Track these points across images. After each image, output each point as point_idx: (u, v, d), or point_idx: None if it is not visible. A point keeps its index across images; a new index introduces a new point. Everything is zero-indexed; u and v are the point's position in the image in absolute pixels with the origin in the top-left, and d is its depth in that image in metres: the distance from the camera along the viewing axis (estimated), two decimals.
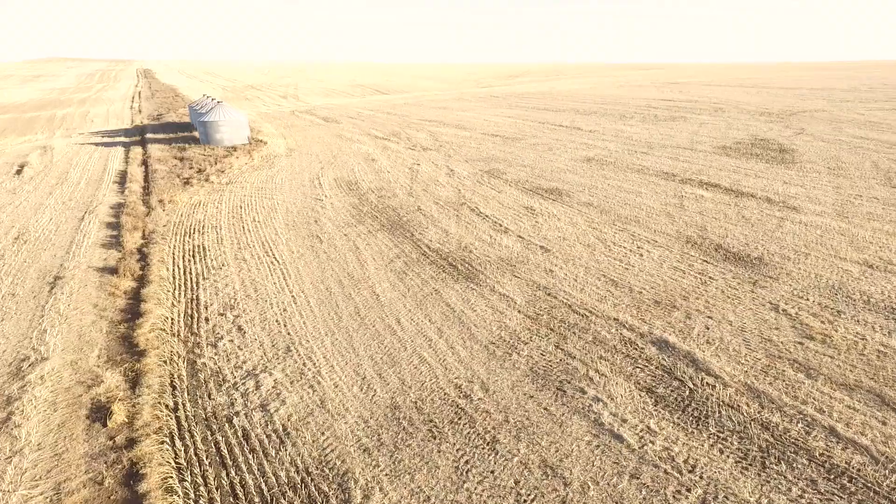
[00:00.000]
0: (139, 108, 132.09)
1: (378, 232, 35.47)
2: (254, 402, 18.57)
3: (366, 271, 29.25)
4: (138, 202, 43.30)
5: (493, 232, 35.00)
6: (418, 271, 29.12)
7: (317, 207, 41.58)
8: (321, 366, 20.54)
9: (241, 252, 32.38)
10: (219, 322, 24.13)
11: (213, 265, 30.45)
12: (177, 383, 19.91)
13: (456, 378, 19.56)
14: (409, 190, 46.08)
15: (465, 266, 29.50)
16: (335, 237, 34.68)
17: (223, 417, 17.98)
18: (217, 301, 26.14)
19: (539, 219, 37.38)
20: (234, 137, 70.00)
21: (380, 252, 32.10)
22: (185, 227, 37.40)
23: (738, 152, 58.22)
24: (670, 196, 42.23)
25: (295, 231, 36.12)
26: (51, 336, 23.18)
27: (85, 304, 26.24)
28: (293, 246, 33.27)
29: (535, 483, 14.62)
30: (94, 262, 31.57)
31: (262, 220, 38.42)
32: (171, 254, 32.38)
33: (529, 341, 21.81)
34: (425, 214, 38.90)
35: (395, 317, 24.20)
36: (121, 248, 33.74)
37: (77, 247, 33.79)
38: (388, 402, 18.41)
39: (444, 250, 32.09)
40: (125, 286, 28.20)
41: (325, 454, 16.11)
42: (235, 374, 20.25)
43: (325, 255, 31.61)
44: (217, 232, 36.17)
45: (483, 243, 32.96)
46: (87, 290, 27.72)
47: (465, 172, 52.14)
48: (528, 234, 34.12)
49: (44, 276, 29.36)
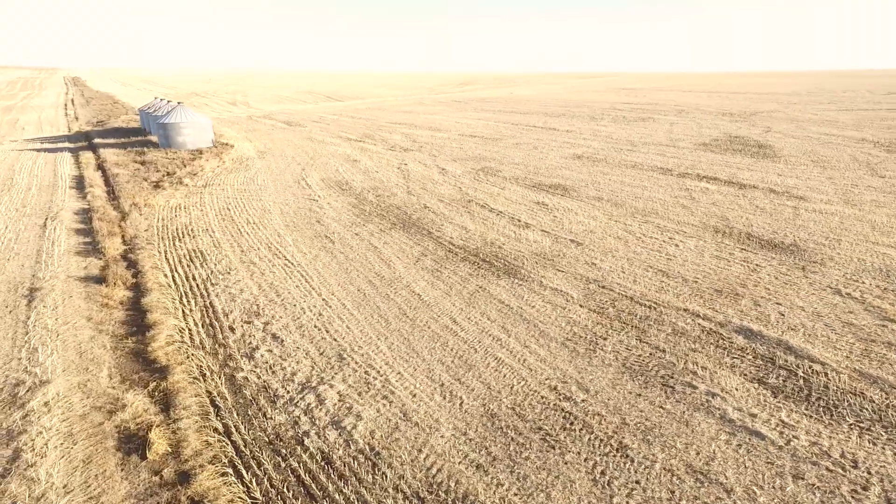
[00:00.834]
0: (75, 115, 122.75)
1: (391, 230, 32.88)
2: (322, 420, 15.74)
3: (395, 270, 26.67)
4: (107, 207, 38.75)
5: (513, 227, 33.14)
6: (452, 268, 26.82)
7: (314, 208, 38.46)
8: (386, 373, 17.89)
9: (246, 255, 29.02)
10: (248, 331, 20.98)
11: (219, 270, 27.02)
12: (219, 402, 16.75)
13: (546, 379, 17.40)
14: (406, 189, 43.61)
15: (501, 262, 27.45)
16: (346, 237, 31.82)
17: (291, 439, 15.07)
18: (237, 308, 22.89)
19: (555, 213, 35.83)
20: (198, 140, 65.30)
21: (401, 250, 29.56)
22: (171, 231, 33.50)
23: (720, 148, 59.11)
24: (676, 189, 41.74)
25: (299, 232, 32.98)
26: (44, 355, 19.38)
27: (76, 317, 22.38)
28: (303, 247, 30.19)
29: (693, 492, 12.64)
30: (73, 271, 27.44)
31: (258, 222, 35.00)
32: (165, 259, 28.63)
33: (608, 336, 19.95)
34: (435, 212, 36.60)
35: (449, 316, 21.81)
36: (101, 255, 29.64)
37: (48, 255, 29.39)
38: (482, 409, 16.02)
39: (470, 246, 29.93)
40: (119, 296, 24.44)
41: (431, 475, 13.56)
42: (288, 388, 17.29)
43: (344, 256, 28.76)
44: (211, 235, 32.53)
45: (508, 239, 31.02)
46: (75, 302, 23.78)
47: (458, 171, 50.18)
48: (552, 229, 32.45)
49: (16, 289, 25.09)
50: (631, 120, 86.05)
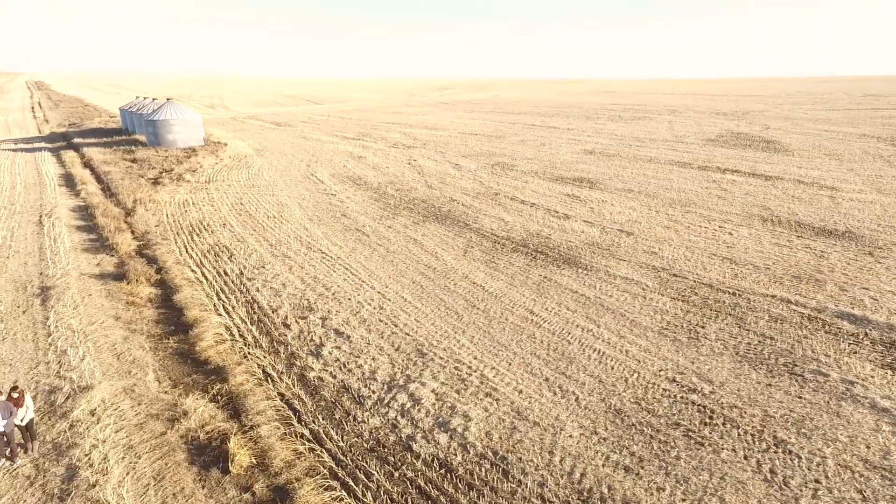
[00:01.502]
0: (44, 117, 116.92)
1: (425, 223, 30.88)
2: (425, 422, 13.66)
3: (445, 262, 24.69)
4: (107, 203, 35.73)
5: (553, 218, 31.50)
6: (506, 259, 25.01)
7: (333, 202, 36.16)
8: (479, 369, 15.91)
9: (276, 249, 26.65)
10: (305, 327, 18.72)
11: (251, 264, 24.61)
12: (297, 406, 14.52)
13: (660, 370, 15.67)
14: (425, 183, 41.62)
15: (554, 252, 25.76)
16: (380, 230, 29.69)
17: (395, 445, 12.96)
18: (284, 303, 20.60)
19: (591, 204, 34.36)
20: (189, 138, 62.09)
21: (444, 242, 27.59)
22: (184, 226, 30.83)
23: (728, 143, 58.77)
24: (703, 181, 40.80)
25: (327, 225, 30.69)
26: (76, 358, 16.80)
27: (101, 316, 19.79)
28: (336, 240, 27.96)
29: (886, 490, 10.99)
30: (85, 268, 24.68)
31: (279, 216, 32.58)
32: (187, 255, 26.05)
33: (705, 324, 18.37)
34: (464, 205, 34.73)
35: (524, 307, 19.95)
36: (113, 252, 26.88)
37: (52, 253, 26.49)
38: (603, 405, 14.18)
39: (515, 237, 28.18)
40: (145, 293, 21.87)
41: (575, 481, 11.63)
42: (372, 388, 15.15)
43: (384, 249, 26.65)
44: (231, 230, 30.00)
45: (553, 229, 29.35)
46: (96, 301, 21.13)
47: (473, 166, 48.44)
48: (594, 219, 30.93)
49: (24, 287, 22.27)
50: (627, 119, 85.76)
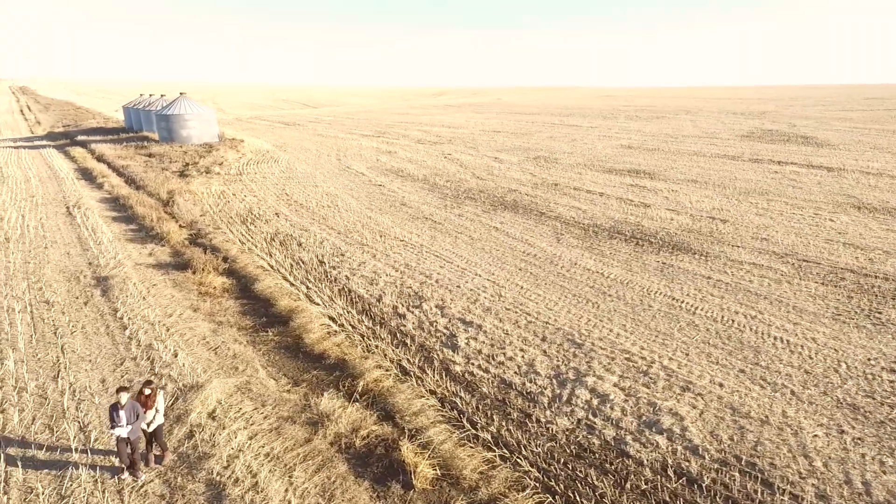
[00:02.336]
0: (36, 119, 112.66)
1: (495, 211, 28.56)
2: (627, 422, 11.25)
3: (541, 249, 22.34)
4: (139, 195, 32.76)
5: (632, 207, 29.33)
6: (608, 245, 22.85)
7: (385, 192, 33.65)
8: (657, 360, 13.57)
9: (349, 237, 24.09)
10: (422, 316, 16.20)
11: (327, 252, 22.05)
12: (459, 404, 11.88)
13: (869, 359, 13.48)
14: (473, 175, 39.29)
15: (657, 239, 23.75)
16: (450, 218, 27.27)
17: (604, 450, 10.52)
18: (386, 291, 18.05)
19: (664, 194, 32.30)
20: (203, 134, 59.12)
21: (527, 229, 25.27)
22: (232, 215, 28.16)
23: (765, 139, 57.29)
24: (764, 172, 39.03)
25: (391, 214, 28.16)
26: (167, 353, 14.07)
27: (176, 307, 17.07)
28: (409, 229, 25.50)
29: None
30: (137, 258, 21.92)
31: (333, 206, 30.01)
32: (250, 244, 23.34)
33: (881, 310, 16.13)
34: (528, 195, 32.44)
35: (662, 293, 17.67)
36: (163, 241, 24.16)
37: (95, 243, 23.64)
38: (830, 399, 11.90)
39: (603, 225, 25.96)
40: (217, 283, 19.19)
41: (862, 493, 9.15)
42: (539, 383, 12.65)
43: (466, 236, 24.21)
44: (287, 219, 27.36)
45: (638, 217, 27.23)
46: (164, 291, 18.39)
47: (514, 159, 46.22)
48: (677, 208, 28.81)
49: (76, 278, 19.44)
50: (646, 118, 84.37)
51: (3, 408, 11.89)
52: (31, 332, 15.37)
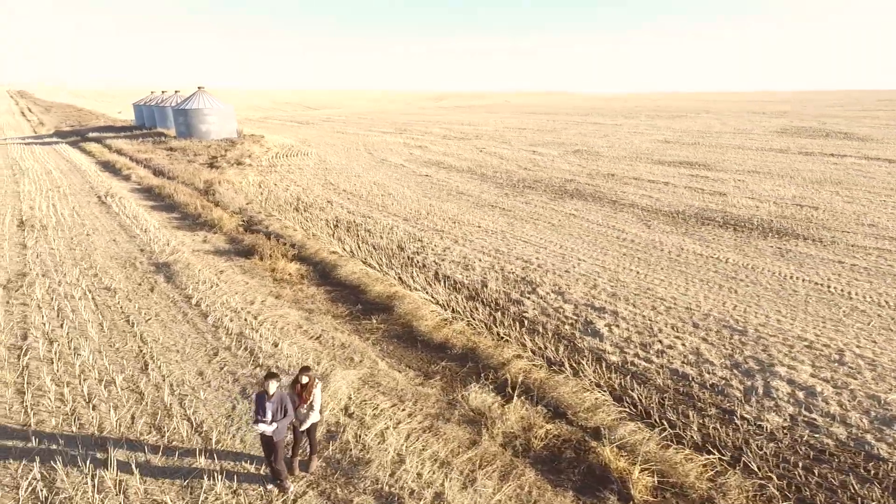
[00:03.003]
0: (39, 121, 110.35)
1: (563, 200, 26.72)
2: (853, 418, 9.17)
3: (635, 234, 20.51)
4: (175, 184, 30.66)
5: (707, 195, 27.56)
6: (707, 232, 21.12)
7: (434, 182, 31.73)
8: (840, 347, 11.59)
9: (417, 223, 22.17)
10: (544, 304, 14.25)
11: (406, 238, 19.98)
12: (639, 398, 9.82)
13: None
14: (519, 166, 37.40)
15: (755, 225, 22.19)
16: (517, 206, 25.36)
17: (843, 451, 8.35)
18: (487, 277, 16.14)
19: (733, 183, 30.55)
20: (222, 130, 57.05)
21: (608, 216, 23.46)
22: (282, 204, 26.28)
23: (802, 135, 55.71)
24: (823, 164, 37.37)
25: (454, 203, 26.25)
26: (265, 343, 12.18)
27: (255, 294, 15.15)
28: (481, 215, 23.63)
29: None
30: (191, 244, 19.99)
31: (386, 195, 28.07)
32: (315, 230, 21.30)
33: None
34: (588, 184, 30.65)
35: (804, 279, 15.87)
36: (214, 229, 22.26)
37: (140, 230, 21.65)
38: None
39: (687, 212, 24.23)
40: (290, 269, 17.37)
41: None
42: (719, 375, 10.73)
43: (544, 222, 22.39)
44: (342, 206, 25.40)
45: (720, 204, 25.51)
46: (235, 278, 16.44)
47: (553, 153, 44.38)
48: (756, 196, 27.08)
49: (130, 265, 17.46)
50: (667, 117, 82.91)
51: (94, 403, 9.79)
52: (99, 320, 13.29)
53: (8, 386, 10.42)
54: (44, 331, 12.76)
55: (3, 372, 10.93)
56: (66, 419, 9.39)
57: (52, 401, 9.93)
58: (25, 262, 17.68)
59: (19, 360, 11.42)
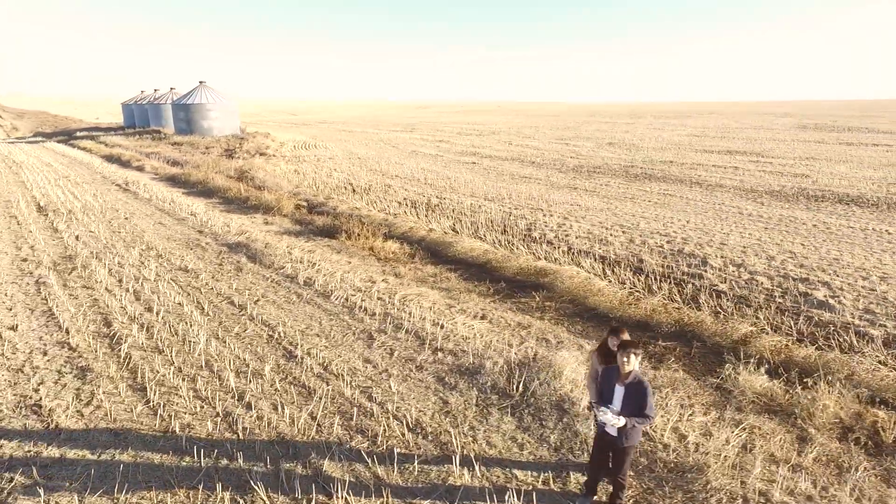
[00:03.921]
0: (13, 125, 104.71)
1: (643, 182, 24.72)
2: None
3: (756, 211, 18.38)
4: (203, 172, 27.65)
5: (790, 177, 25.64)
6: (830, 208, 18.84)
7: (489, 168, 29.55)
8: None
9: (507, 203, 19.90)
10: (726, 276, 11.90)
11: (505, 216, 17.47)
12: None
13: None
14: (564, 155, 35.22)
15: (867, 200, 19.75)
16: (598, 187, 23.42)
17: None
18: (641, 251, 13.63)
19: (804, 168, 28.58)
20: (226, 126, 53.89)
21: (709, 195, 21.50)
22: (335, 187, 23.52)
23: (825, 129, 55.18)
24: (880, 152, 35.91)
25: (526, 185, 24.20)
26: (427, 323, 9.24)
27: (370, 272, 12.73)
28: (570, 196, 21.58)
29: None
30: (251, 225, 17.25)
31: (445, 178, 25.76)
32: (393, 209, 18.70)
33: None
34: (658, 169, 28.61)
35: None
36: (271, 211, 19.84)
37: (186, 213, 19.01)
38: None
39: (785, 191, 22.57)
40: (392, 248, 15.06)
41: None
42: None
43: (644, 201, 20.25)
44: (405, 189, 22.93)
45: (810, 183, 23.86)
46: (328, 256, 14.20)
47: (589, 145, 42.61)
48: (843, 176, 25.24)
49: (195, 245, 15.06)
50: (676, 118, 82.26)
51: (248, 401, 6.98)
52: (195, 302, 10.47)
53: (115, 381, 7.53)
54: (130, 315, 9.80)
55: (102, 364, 8.01)
56: (221, 422, 6.57)
57: (187, 399, 7.04)
58: (66, 245, 14.65)
59: (112, 350, 8.47)
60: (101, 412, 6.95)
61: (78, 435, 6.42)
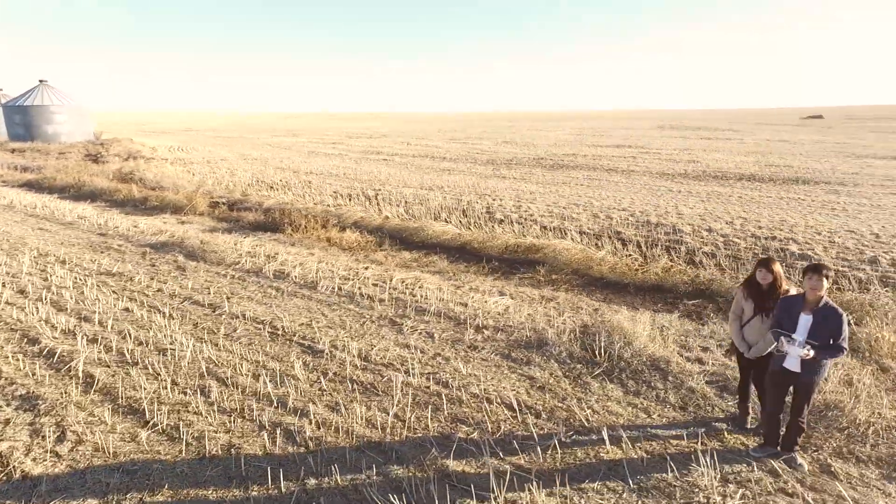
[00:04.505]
0: None
1: (565, 171, 25.53)
2: None
3: (688, 189, 19.66)
4: (74, 175, 23.76)
5: (681, 165, 28.17)
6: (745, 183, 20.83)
7: (405, 164, 28.63)
8: None
9: (449, 192, 19.12)
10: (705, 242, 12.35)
11: (456, 202, 16.97)
12: None
13: None
14: (470, 151, 35.64)
15: (766, 177, 22.35)
16: (528, 176, 23.67)
17: None
18: (611, 225, 13.79)
19: (690, 157, 31.76)
20: (76, 131, 47.33)
21: (637, 180, 22.69)
22: (248, 184, 21.42)
23: (681, 129, 61.66)
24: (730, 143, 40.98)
25: (454, 176, 23.82)
26: (455, 305, 8.50)
27: (347, 262, 11.25)
28: (507, 184, 21.32)
29: None
30: (163, 226, 14.85)
31: (370, 172, 24.62)
32: (330, 202, 17.36)
33: None
34: (570, 161, 29.82)
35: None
36: (182, 210, 17.76)
37: (74, 216, 16.16)
38: None
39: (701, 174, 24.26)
40: (350, 238, 13.95)
41: None
42: None
43: (578, 185, 20.82)
44: (331, 185, 21.41)
45: (704, 168, 26.03)
46: (285, 249, 12.63)
47: (488, 143, 43.52)
48: (722, 161, 28.29)
49: (104, 248, 12.69)
50: (544, 122, 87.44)
51: (295, 406, 5.63)
52: (142, 307, 8.46)
53: (87, 407, 5.69)
54: (64, 329, 7.63)
55: (53, 389, 6.03)
56: (273, 435, 5.13)
57: (209, 415, 5.41)
58: None
59: (59, 371, 6.44)
60: (86, 448, 4.97)
61: (67, 482, 4.48)
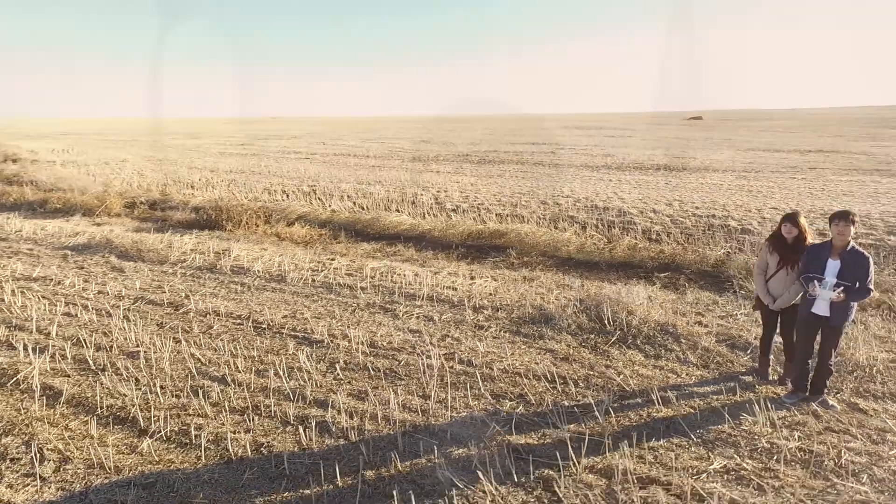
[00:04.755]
0: None
1: (489, 165, 26.11)
2: None
3: (618, 178, 20.90)
4: None
5: (598, 158, 29.89)
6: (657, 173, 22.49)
7: (326, 162, 27.89)
8: None
9: (391, 186, 18.93)
10: (656, 222, 13.25)
11: (400, 195, 16.83)
12: None
13: None
14: (398, 150, 35.50)
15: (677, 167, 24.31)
16: (456, 170, 23.86)
17: None
18: (561, 210, 14.36)
19: (603, 151, 33.78)
20: None
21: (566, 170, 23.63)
22: (164, 184, 19.90)
23: (582, 128, 65.22)
24: (621, 140, 43.97)
25: (384, 172, 23.48)
26: (445, 290, 8.51)
27: (313, 257, 10.83)
28: (437, 177, 21.43)
29: None
30: (77, 228, 13.56)
31: (295, 170, 23.62)
32: (265, 199, 16.57)
33: None
34: (491, 155, 30.53)
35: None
36: (94, 212, 16.59)
37: (13, 228, 13.76)
38: None
39: (610, 165, 25.75)
40: (300, 232, 13.66)
41: None
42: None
43: (510, 177, 21.40)
44: (258, 183, 20.48)
45: (622, 161, 27.82)
46: (233, 245, 11.68)
47: (405, 142, 43.46)
48: (634, 156, 30.40)
49: (11, 254, 10.82)
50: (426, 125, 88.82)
51: (315, 397, 5.27)
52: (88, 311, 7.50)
53: (59, 423, 4.85)
54: None
55: (8, 409, 5.07)
56: (299, 431, 4.70)
57: (217, 416, 4.83)
58: None
59: (5, 387, 5.45)
60: (76, 466, 4.20)
61: None
